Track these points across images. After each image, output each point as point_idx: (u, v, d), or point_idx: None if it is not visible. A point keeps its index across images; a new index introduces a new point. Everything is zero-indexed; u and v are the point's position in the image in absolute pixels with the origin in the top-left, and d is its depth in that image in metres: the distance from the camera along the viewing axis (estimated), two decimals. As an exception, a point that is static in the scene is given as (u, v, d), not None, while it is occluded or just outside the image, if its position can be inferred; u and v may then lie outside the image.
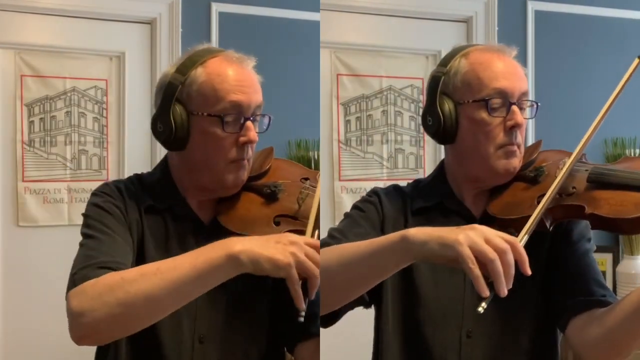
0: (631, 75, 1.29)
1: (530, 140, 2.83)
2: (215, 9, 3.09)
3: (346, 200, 3.07)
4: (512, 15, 3.19)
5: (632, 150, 3.18)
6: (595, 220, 1.22)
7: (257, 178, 1.35)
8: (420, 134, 3.16)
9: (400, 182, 1.49)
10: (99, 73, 3.08)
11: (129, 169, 3.05)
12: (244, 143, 1.27)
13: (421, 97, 3.15)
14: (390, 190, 1.43)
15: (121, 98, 3.09)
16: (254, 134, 1.28)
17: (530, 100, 1.35)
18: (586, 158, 1.35)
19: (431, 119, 1.35)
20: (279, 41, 3.14)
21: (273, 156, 1.40)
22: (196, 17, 3.08)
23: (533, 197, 1.27)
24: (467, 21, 3.19)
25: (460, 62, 1.34)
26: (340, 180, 3.12)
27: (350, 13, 3.08)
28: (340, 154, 3.12)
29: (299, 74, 3.13)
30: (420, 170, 3.17)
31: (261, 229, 1.27)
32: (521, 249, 1.07)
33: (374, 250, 1.15)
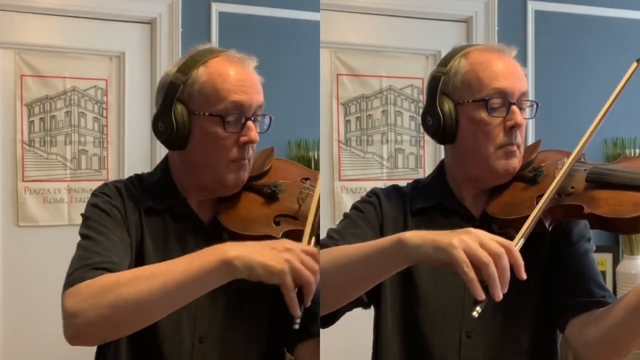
0: (629, 80, 1.29)
1: (530, 140, 2.83)
2: (215, 9, 3.09)
3: (346, 200, 3.07)
4: (512, 15, 3.19)
5: (632, 150, 3.18)
6: (594, 220, 1.22)
7: (258, 178, 1.35)
8: (420, 134, 3.16)
9: (400, 182, 1.49)
10: (99, 73, 3.08)
11: (129, 169, 3.05)
12: (244, 143, 1.27)
13: (421, 97, 3.15)
14: (390, 191, 1.43)
15: (121, 98, 3.09)
16: (255, 134, 1.28)
17: (530, 100, 1.35)
18: (585, 158, 1.35)
19: (431, 119, 1.35)
20: (279, 41, 3.14)
21: (274, 156, 1.40)
22: (196, 17, 3.08)
23: (532, 197, 1.27)
24: (467, 21, 3.19)
25: (460, 62, 1.34)
26: (340, 180, 3.11)
27: (350, 13, 3.08)
28: (340, 154, 3.12)
29: (299, 74, 3.13)
30: (420, 170, 3.17)
31: (261, 229, 1.27)
32: (516, 253, 1.06)
33: (369, 254, 1.15)
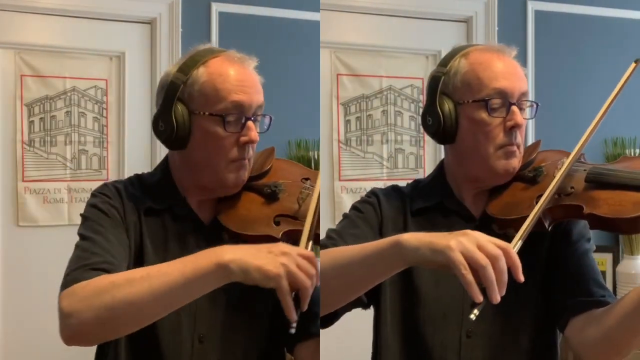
0: (627, 80, 1.29)
1: (530, 140, 2.83)
2: (215, 9, 3.09)
3: (346, 200, 3.07)
4: (512, 15, 3.19)
5: (632, 150, 3.18)
6: (593, 220, 1.22)
7: (258, 178, 1.35)
8: (420, 134, 3.16)
9: (400, 182, 1.49)
10: (99, 73, 3.08)
11: (129, 169, 3.05)
12: (245, 143, 1.27)
13: (421, 97, 3.15)
14: (390, 191, 1.43)
15: (121, 98, 3.09)
16: (255, 134, 1.28)
17: (530, 100, 1.35)
18: (585, 158, 1.35)
19: (431, 119, 1.35)
20: (279, 41, 3.14)
21: (274, 156, 1.40)
22: (196, 17, 3.08)
23: (532, 197, 1.27)
24: (467, 21, 3.19)
25: (460, 62, 1.34)
26: (340, 180, 3.11)
27: (350, 13, 3.08)
28: (340, 154, 3.12)
29: (299, 74, 3.13)
30: (420, 170, 3.17)
31: (261, 229, 1.27)
32: (514, 255, 1.06)
33: (367, 255, 1.15)
